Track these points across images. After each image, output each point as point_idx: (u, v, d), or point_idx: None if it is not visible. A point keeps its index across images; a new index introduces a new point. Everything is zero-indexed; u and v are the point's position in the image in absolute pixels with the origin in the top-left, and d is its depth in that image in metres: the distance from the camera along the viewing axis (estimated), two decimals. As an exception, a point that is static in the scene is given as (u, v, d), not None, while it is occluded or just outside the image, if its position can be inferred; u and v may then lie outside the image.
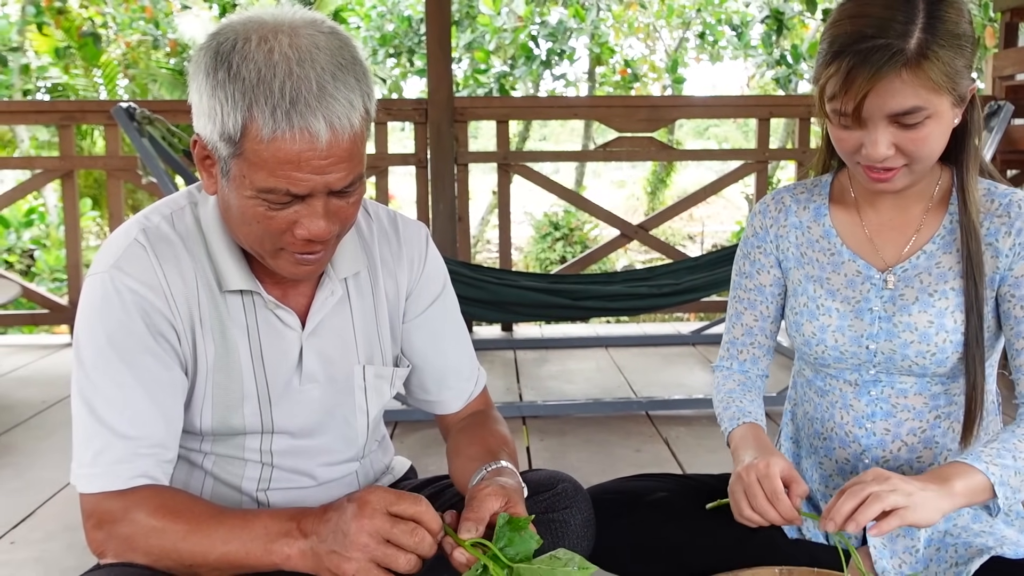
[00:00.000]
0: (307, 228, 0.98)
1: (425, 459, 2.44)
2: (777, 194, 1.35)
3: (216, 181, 1.01)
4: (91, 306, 1.04)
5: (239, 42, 0.93)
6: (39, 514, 2.17)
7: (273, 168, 0.93)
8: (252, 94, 0.91)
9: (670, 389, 3.30)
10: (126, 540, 1.00)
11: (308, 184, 0.95)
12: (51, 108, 5.08)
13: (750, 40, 10.13)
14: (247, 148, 0.93)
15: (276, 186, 0.94)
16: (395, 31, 9.75)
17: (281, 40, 0.92)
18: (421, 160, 4.07)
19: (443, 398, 1.30)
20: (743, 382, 1.38)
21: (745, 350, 1.38)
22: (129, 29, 9.58)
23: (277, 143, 0.92)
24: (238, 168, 0.95)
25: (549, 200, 10.65)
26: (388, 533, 0.91)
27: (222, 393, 1.10)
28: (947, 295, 1.20)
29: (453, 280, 1.32)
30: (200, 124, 0.97)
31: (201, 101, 0.95)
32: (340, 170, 0.96)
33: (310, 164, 0.93)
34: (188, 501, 1.03)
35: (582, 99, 7.73)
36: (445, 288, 1.28)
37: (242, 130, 0.92)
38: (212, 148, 0.97)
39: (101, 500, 1.02)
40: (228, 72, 0.92)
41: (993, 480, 1.08)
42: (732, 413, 1.31)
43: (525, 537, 0.95)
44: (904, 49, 1.04)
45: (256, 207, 0.97)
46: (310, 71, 0.91)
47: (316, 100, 0.91)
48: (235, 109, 0.92)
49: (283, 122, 0.91)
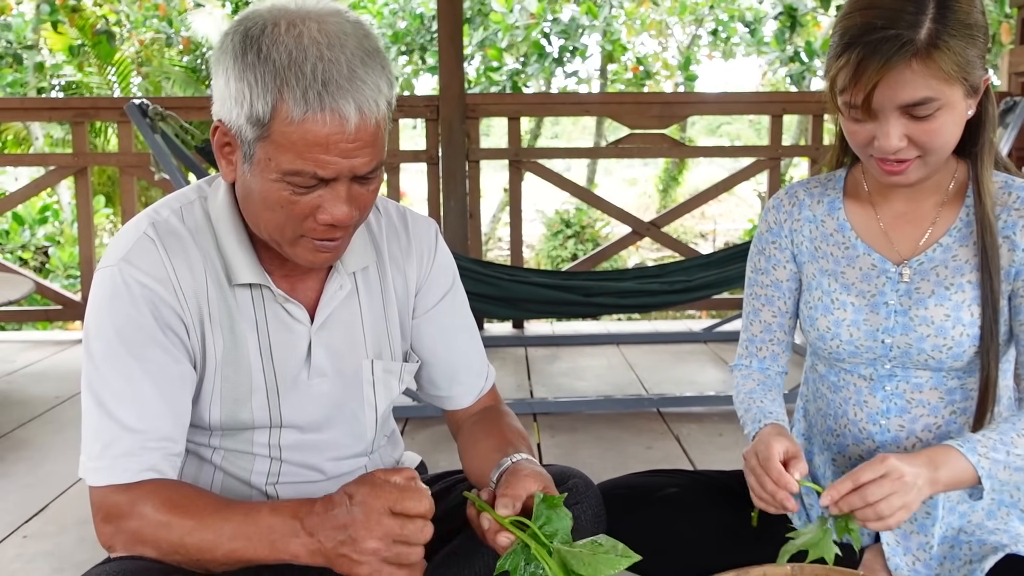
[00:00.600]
0: (330, 213, 0.98)
1: (436, 455, 2.44)
2: (791, 189, 1.34)
3: (236, 168, 1.01)
4: (100, 299, 1.04)
5: (268, 26, 0.94)
6: (52, 508, 2.18)
7: (301, 150, 0.94)
8: (283, 76, 0.92)
9: (682, 386, 3.29)
10: (134, 534, 1.00)
11: (335, 167, 0.95)
12: (64, 105, 5.12)
13: (763, 37, 10.07)
14: (275, 130, 0.94)
15: (303, 168, 0.95)
16: (407, 28, 9.76)
17: (310, 26, 0.94)
18: (433, 157, 4.07)
19: (453, 393, 1.29)
20: (763, 381, 1.36)
21: (764, 347, 1.37)
22: (143, 27, 9.64)
23: (307, 124, 0.92)
24: (264, 151, 0.95)
25: (561, 197, 10.63)
26: (398, 535, 0.91)
27: (230, 387, 1.10)
28: (964, 288, 1.19)
29: (464, 277, 1.32)
30: (224, 109, 0.97)
31: (228, 85, 0.96)
32: (365, 155, 0.97)
33: (338, 147, 0.94)
34: (194, 495, 1.03)
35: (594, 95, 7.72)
36: (455, 284, 1.28)
37: (271, 112, 0.93)
38: (236, 133, 0.97)
39: (109, 494, 1.02)
40: (258, 55, 0.93)
41: (981, 473, 1.09)
42: (754, 415, 1.30)
43: (561, 515, 0.95)
44: (914, 39, 1.04)
45: (280, 191, 0.97)
46: (340, 55, 0.93)
47: (347, 83, 0.92)
48: (265, 91, 0.92)
49: (315, 103, 0.92)
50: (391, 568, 0.91)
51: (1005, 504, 1.24)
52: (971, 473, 1.09)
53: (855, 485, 1.06)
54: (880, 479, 1.05)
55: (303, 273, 1.14)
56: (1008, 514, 1.23)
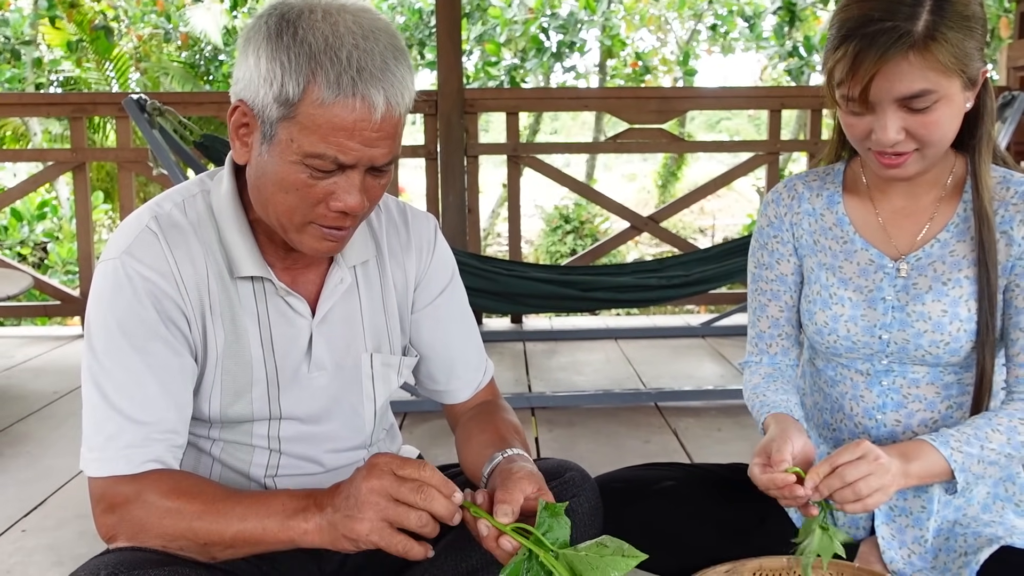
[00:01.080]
0: (343, 200, 1.00)
1: (434, 449, 2.45)
2: (789, 182, 1.34)
3: (251, 150, 1.02)
4: (102, 292, 1.05)
5: (305, 12, 0.96)
6: (51, 502, 2.18)
7: (326, 133, 0.95)
8: (318, 59, 0.94)
9: (679, 381, 3.30)
10: (139, 522, 1.00)
11: (356, 154, 0.97)
12: (63, 100, 5.11)
13: (762, 32, 10.06)
14: (302, 112, 0.95)
15: (325, 152, 0.96)
16: (406, 23, 9.75)
17: (345, 17, 0.96)
18: (431, 152, 4.06)
19: (452, 387, 1.30)
20: (769, 374, 1.35)
21: (774, 343, 1.36)
22: (141, 22, 9.62)
23: (336, 108, 0.94)
24: (287, 132, 0.97)
25: (560, 193, 10.64)
26: (396, 492, 0.91)
27: (231, 380, 1.11)
28: (961, 283, 1.19)
29: (463, 272, 1.32)
30: (249, 89, 0.98)
31: (259, 63, 0.97)
32: (385, 146, 0.99)
33: (362, 134, 0.96)
34: (200, 482, 1.03)
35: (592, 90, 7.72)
36: (453, 278, 1.29)
37: (302, 92, 0.94)
38: (258, 113, 0.98)
39: (112, 484, 1.02)
40: (294, 37, 0.95)
41: (954, 467, 1.10)
42: (758, 410, 1.30)
43: (562, 523, 0.94)
44: (911, 31, 1.04)
45: (298, 173, 0.98)
46: (374, 46, 0.96)
47: (380, 73, 0.95)
48: (298, 71, 0.94)
49: (348, 88, 0.94)
50: (391, 531, 0.91)
51: (1000, 498, 1.25)
52: (943, 467, 1.10)
53: (832, 467, 1.07)
54: (857, 460, 1.06)
55: (304, 266, 1.14)
56: (1003, 507, 1.24)
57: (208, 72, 10.49)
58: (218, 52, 10.33)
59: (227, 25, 10.08)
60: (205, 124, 7.49)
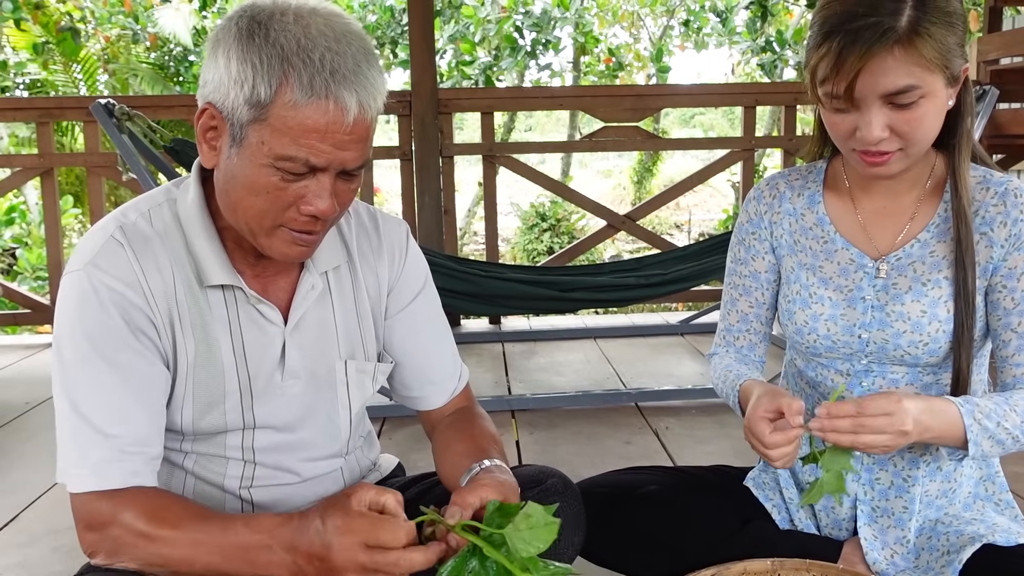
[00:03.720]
0: (314, 204, 0.99)
1: (414, 455, 2.43)
2: (771, 180, 1.34)
3: (219, 154, 1.01)
4: (69, 305, 1.03)
5: (276, 14, 0.96)
6: (23, 518, 2.14)
7: (297, 135, 0.95)
8: (290, 61, 0.93)
9: (659, 380, 3.30)
10: (115, 543, 0.99)
11: (327, 157, 0.97)
12: (29, 105, 5.01)
13: (735, 27, 10.11)
14: (274, 114, 0.94)
15: (296, 154, 0.96)
16: (377, 22, 9.69)
17: (316, 20, 0.96)
18: (406, 153, 4.04)
19: (426, 393, 1.29)
20: (740, 359, 1.36)
21: (741, 336, 1.37)
22: (108, 24, 9.49)
23: (308, 111, 0.94)
24: (258, 135, 0.96)
25: (536, 191, 10.63)
26: (373, 569, 0.90)
27: (203, 390, 1.09)
28: (940, 284, 1.19)
29: (439, 274, 1.31)
30: (219, 91, 0.97)
31: (229, 65, 0.96)
32: (356, 149, 0.98)
33: (334, 137, 0.96)
34: (176, 505, 1.01)
35: (567, 89, 7.70)
36: (426, 284, 1.28)
37: (274, 94, 0.94)
38: (227, 115, 0.97)
39: (90, 500, 1.01)
40: (266, 39, 0.94)
41: (970, 436, 1.09)
42: (731, 382, 1.29)
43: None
44: (895, 27, 1.03)
45: (269, 176, 0.97)
46: (347, 49, 0.96)
47: (352, 76, 0.95)
48: (270, 73, 0.94)
49: (320, 90, 0.93)
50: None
51: (980, 497, 1.25)
52: (959, 433, 1.09)
53: (856, 412, 1.04)
54: (883, 416, 1.04)
55: (274, 273, 1.13)
56: (984, 506, 1.24)
57: (178, 73, 10.38)
58: (188, 53, 10.22)
59: (196, 26, 9.97)
60: (175, 127, 7.39)
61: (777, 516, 1.32)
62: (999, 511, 1.24)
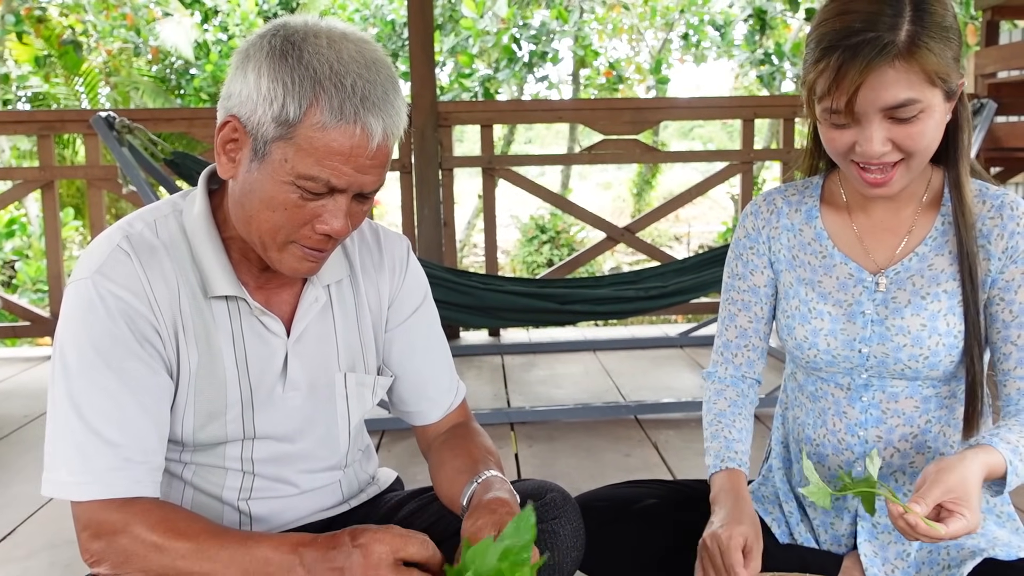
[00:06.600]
0: (329, 223, 1.01)
1: (413, 468, 2.42)
2: (768, 195, 1.34)
3: (238, 166, 1.02)
4: (74, 312, 1.03)
5: (310, 36, 0.98)
6: (21, 531, 2.13)
7: (322, 156, 0.97)
8: (322, 84, 0.95)
9: (659, 392, 3.29)
10: (124, 553, 0.98)
11: (348, 179, 0.99)
12: (30, 118, 5.03)
13: (733, 40, 10.15)
14: (300, 133, 0.96)
15: (319, 175, 0.98)
16: (378, 35, 9.73)
17: (348, 46, 0.98)
18: (405, 165, 4.05)
19: (422, 408, 1.29)
20: (735, 400, 1.35)
21: (740, 353, 1.36)
22: (110, 37, 9.52)
23: (335, 133, 0.96)
24: (282, 152, 0.97)
25: (535, 203, 10.64)
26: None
27: (205, 401, 1.09)
28: (940, 298, 1.19)
29: (439, 286, 1.32)
30: (246, 105, 0.98)
31: (259, 82, 0.97)
32: (376, 174, 1.01)
33: (357, 161, 0.98)
34: (188, 518, 1.01)
35: (566, 102, 7.73)
36: (426, 299, 1.29)
37: (303, 115, 0.96)
38: (251, 130, 0.99)
39: (98, 510, 1.00)
40: (299, 60, 0.96)
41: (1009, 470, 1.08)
42: (718, 448, 1.29)
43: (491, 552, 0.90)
44: (895, 41, 1.04)
45: (288, 193, 0.99)
46: (376, 77, 0.98)
47: (381, 103, 0.98)
48: (301, 94, 0.95)
49: (350, 115, 0.96)
50: None
51: (981, 510, 1.25)
52: (1002, 471, 1.08)
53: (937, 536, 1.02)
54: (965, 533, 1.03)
55: (278, 286, 1.14)
56: (984, 519, 1.24)
57: (179, 86, 10.41)
58: (189, 66, 10.25)
59: (198, 39, 10.00)
60: (176, 140, 7.41)
61: (777, 530, 1.32)
62: (1000, 524, 1.24)
